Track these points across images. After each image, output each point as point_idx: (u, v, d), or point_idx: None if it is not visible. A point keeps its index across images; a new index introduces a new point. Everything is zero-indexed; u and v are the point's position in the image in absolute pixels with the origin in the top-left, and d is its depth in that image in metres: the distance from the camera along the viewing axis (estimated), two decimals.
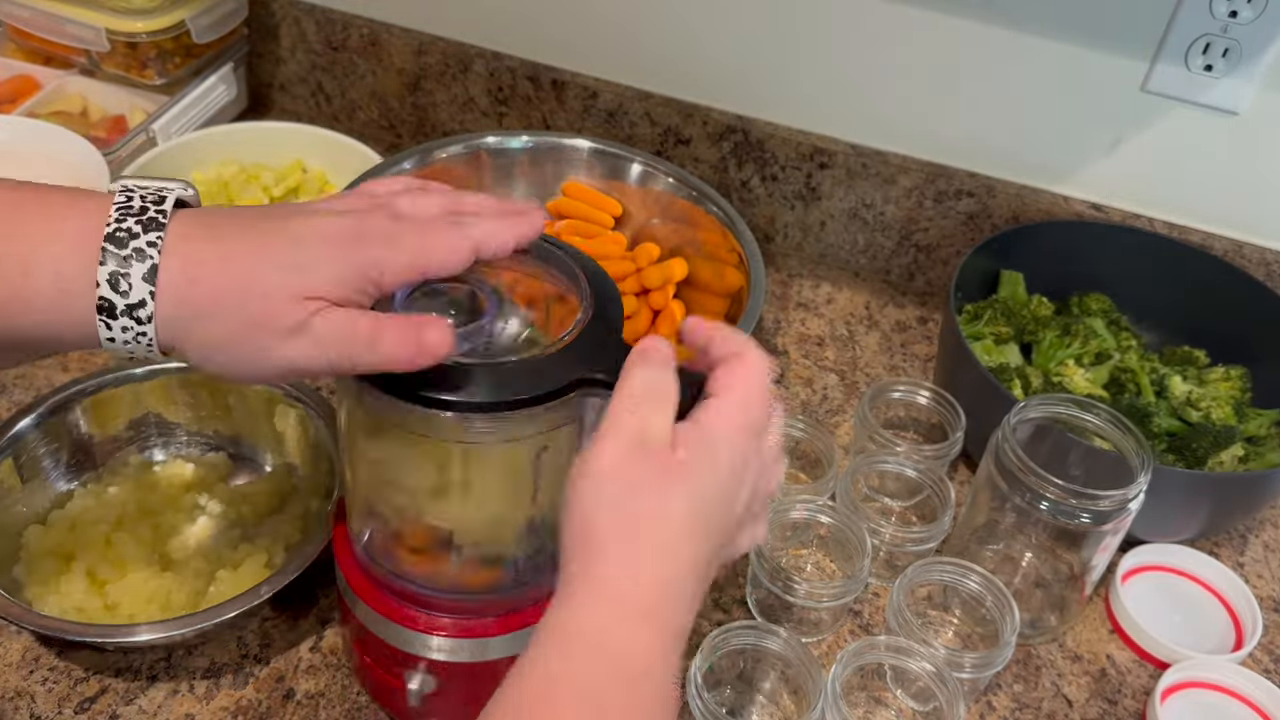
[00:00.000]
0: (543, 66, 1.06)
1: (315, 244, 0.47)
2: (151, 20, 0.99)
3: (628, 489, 0.45)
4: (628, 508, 0.45)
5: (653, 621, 0.44)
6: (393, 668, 0.61)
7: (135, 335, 0.46)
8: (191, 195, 0.49)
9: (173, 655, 0.69)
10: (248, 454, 0.80)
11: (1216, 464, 0.82)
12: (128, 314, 0.45)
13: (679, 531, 0.45)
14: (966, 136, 0.99)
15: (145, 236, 0.45)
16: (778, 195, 1.06)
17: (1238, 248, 0.97)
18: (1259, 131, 0.92)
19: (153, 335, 0.46)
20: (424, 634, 0.59)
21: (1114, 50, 0.91)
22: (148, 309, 0.45)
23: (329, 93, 1.16)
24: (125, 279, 0.45)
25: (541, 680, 0.43)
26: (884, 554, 0.78)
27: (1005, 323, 0.90)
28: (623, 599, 0.44)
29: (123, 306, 0.45)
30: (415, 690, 0.60)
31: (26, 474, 0.73)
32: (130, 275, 0.45)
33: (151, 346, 0.47)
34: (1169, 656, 0.75)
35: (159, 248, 0.45)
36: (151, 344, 0.47)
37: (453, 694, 0.61)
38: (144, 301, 0.45)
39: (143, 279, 0.45)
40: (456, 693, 0.61)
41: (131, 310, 0.45)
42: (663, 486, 0.45)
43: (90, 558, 0.70)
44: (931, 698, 0.68)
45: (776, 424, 0.51)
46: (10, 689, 0.66)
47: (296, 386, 0.76)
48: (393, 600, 0.59)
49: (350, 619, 0.63)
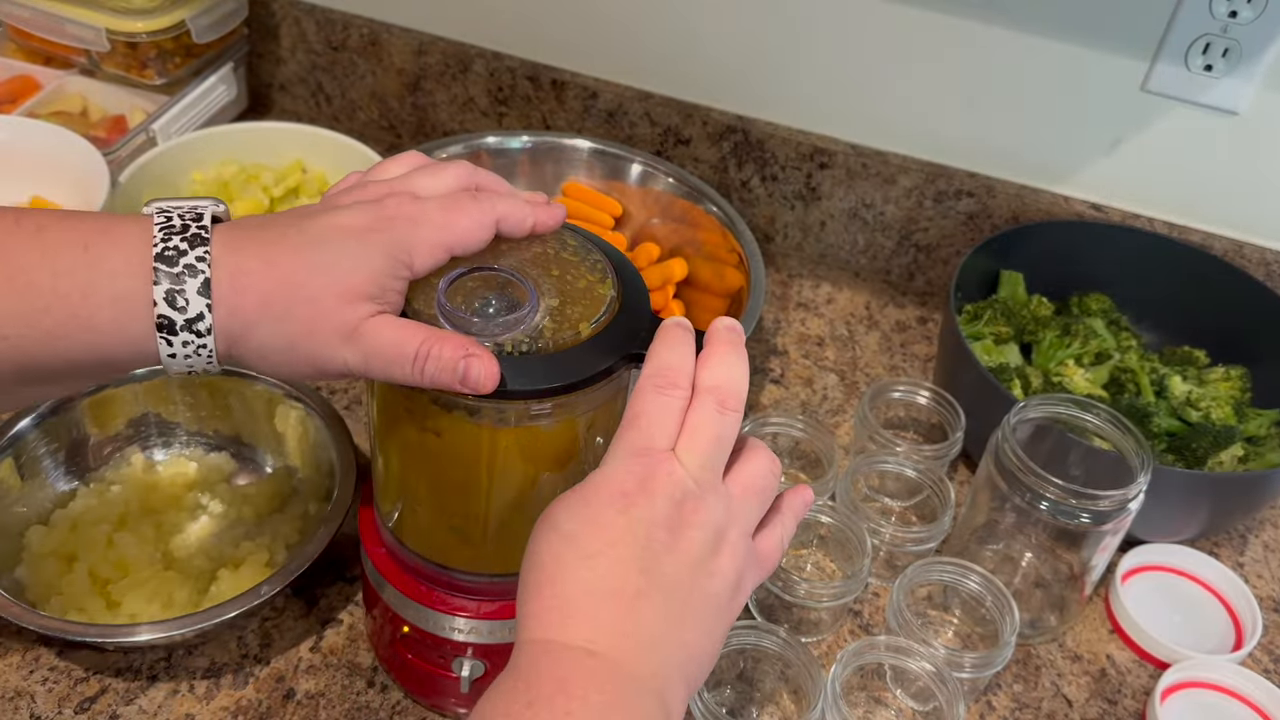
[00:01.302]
0: (543, 66, 1.06)
1: (342, 240, 0.48)
2: (151, 20, 0.99)
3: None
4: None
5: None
6: (437, 658, 0.62)
7: (196, 349, 0.47)
8: (223, 210, 0.50)
9: (173, 655, 0.69)
10: (247, 454, 0.80)
11: (1216, 464, 0.82)
12: (187, 329, 0.47)
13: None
14: (966, 136, 1.00)
15: (194, 252, 0.47)
16: (778, 195, 1.06)
17: (1238, 247, 0.97)
18: (1259, 131, 0.92)
19: (212, 347, 0.47)
20: (472, 619, 0.60)
21: (1114, 50, 0.91)
22: (206, 322, 0.47)
23: (329, 93, 1.16)
24: (181, 295, 0.46)
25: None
26: (884, 554, 0.78)
27: (1005, 323, 0.90)
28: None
29: (181, 322, 0.46)
30: (467, 677, 0.62)
31: (27, 474, 0.73)
32: (185, 291, 0.46)
33: (212, 359, 0.48)
34: (1169, 656, 0.75)
35: (208, 262, 0.47)
36: (212, 356, 0.48)
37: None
38: (202, 315, 0.46)
39: (198, 293, 0.46)
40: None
41: (191, 325, 0.47)
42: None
43: (92, 558, 0.70)
44: (931, 698, 0.68)
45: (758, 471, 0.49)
46: (10, 689, 0.66)
47: (297, 386, 0.76)
48: (435, 590, 0.60)
49: (386, 620, 0.63)
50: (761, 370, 0.96)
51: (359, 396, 0.87)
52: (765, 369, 0.96)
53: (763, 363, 0.96)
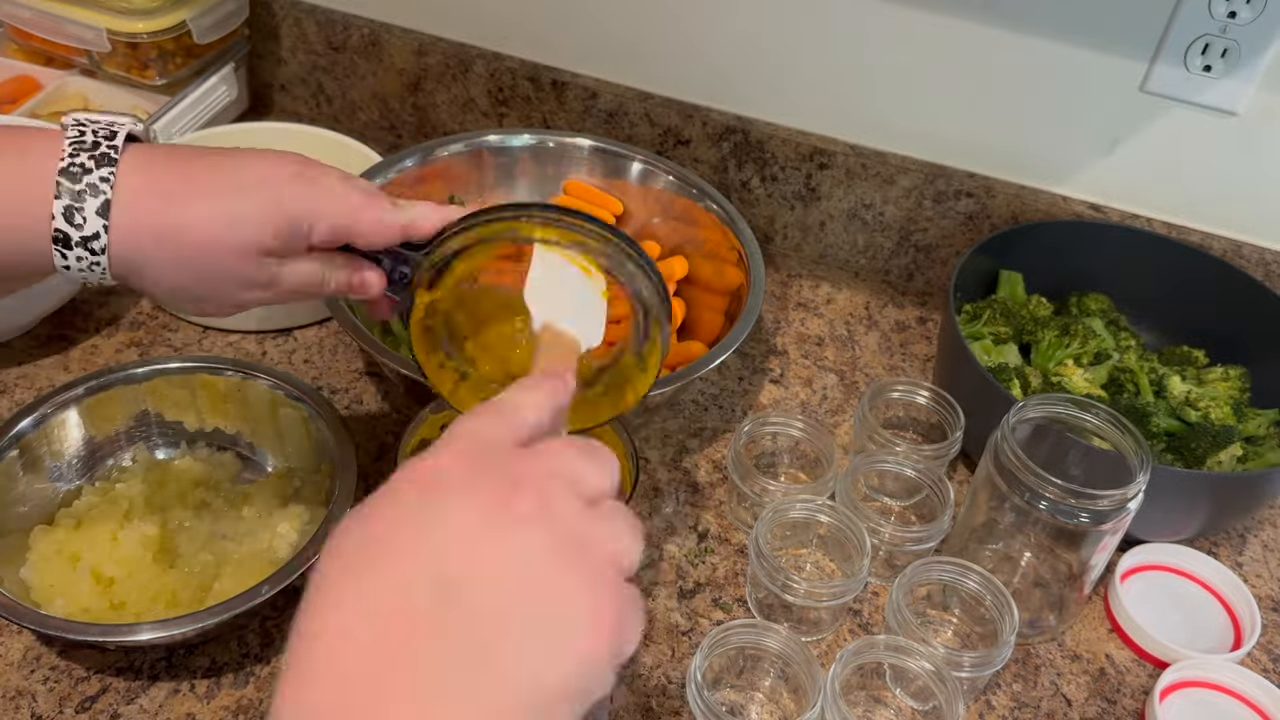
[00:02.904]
0: (543, 67, 1.07)
1: (252, 190, 0.51)
2: (152, 20, 1.00)
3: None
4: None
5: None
6: None
7: (90, 265, 0.49)
8: (140, 129, 0.51)
9: (174, 654, 0.69)
10: (248, 454, 0.80)
11: (1215, 464, 0.82)
12: (82, 245, 0.48)
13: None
14: (966, 136, 1.00)
15: (98, 172, 0.48)
16: (777, 196, 1.06)
17: (1236, 248, 0.97)
18: (1258, 132, 0.92)
19: (105, 265, 0.49)
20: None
21: (1113, 51, 0.91)
22: (101, 241, 0.48)
23: (330, 93, 1.16)
24: (79, 213, 0.47)
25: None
26: (883, 553, 0.78)
27: (1004, 323, 0.91)
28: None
29: (78, 238, 0.48)
30: None
31: (29, 474, 0.73)
32: (84, 209, 0.47)
33: (105, 275, 0.50)
34: (1168, 656, 0.75)
35: (111, 183, 0.48)
36: (105, 273, 0.49)
37: None
38: (98, 234, 0.48)
39: (96, 213, 0.47)
40: None
41: (86, 242, 0.48)
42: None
43: (96, 556, 0.70)
44: (930, 697, 0.69)
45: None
46: (11, 688, 0.66)
47: (297, 386, 0.76)
48: None
49: None
50: (761, 370, 0.96)
51: (360, 396, 0.87)
52: (765, 369, 0.96)
53: (762, 363, 0.96)
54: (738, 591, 0.77)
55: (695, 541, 0.80)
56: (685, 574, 0.78)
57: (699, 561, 0.79)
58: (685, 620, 0.75)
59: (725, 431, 0.89)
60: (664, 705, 0.70)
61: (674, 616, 0.75)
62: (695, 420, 0.90)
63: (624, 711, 0.69)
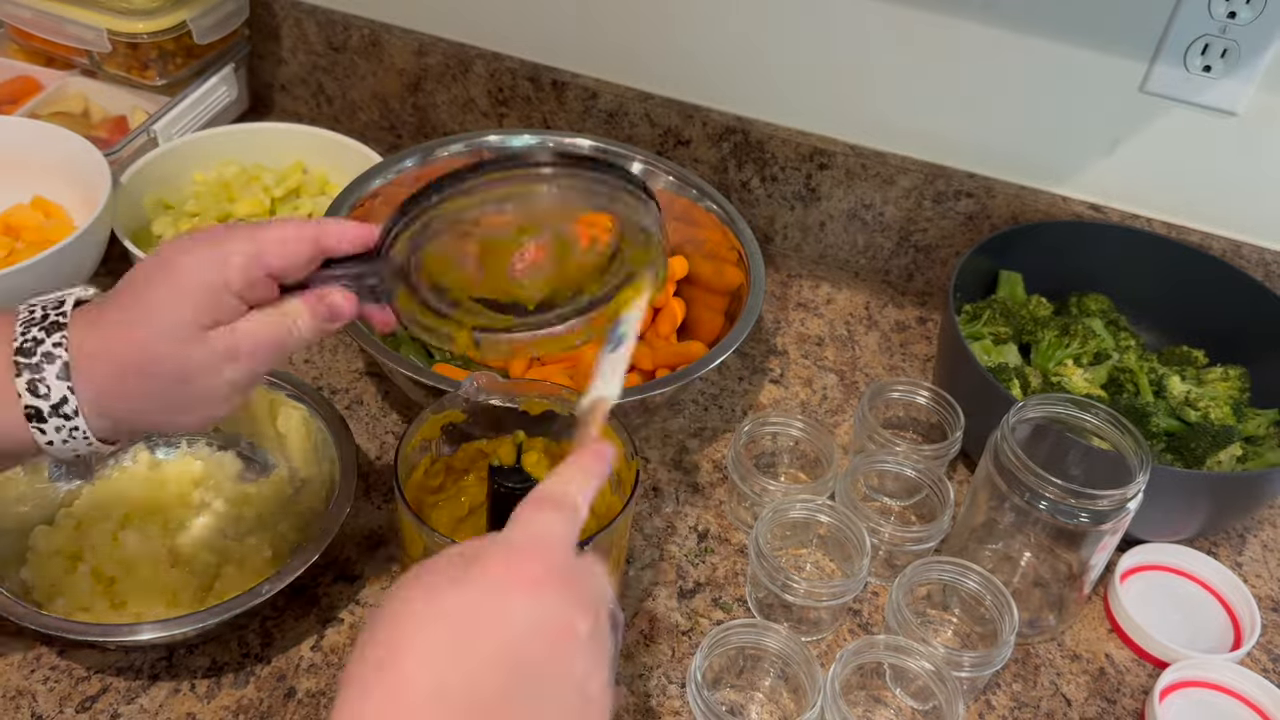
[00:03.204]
0: (543, 67, 1.07)
1: (158, 286, 0.50)
2: (153, 21, 1.00)
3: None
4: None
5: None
6: None
7: (70, 431, 0.49)
8: (91, 294, 0.51)
9: (174, 654, 0.69)
10: (251, 454, 0.80)
11: (1215, 464, 0.82)
12: (55, 413, 0.49)
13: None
14: (966, 137, 1.00)
15: (50, 339, 0.48)
16: (777, 196, 1.06)
17: (1236, 248, 0.97)
18: (1257, 132, 0.92)
19: (84, 426, 0.49)
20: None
21: (1113, 51, 0.91)
22: (71, 404, 0.48)
23: (330, 93, 1.16)
24: (42, 383, 0.48)
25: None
26: (883, 553, 0.79)
27: (1004, 323, 0.91)
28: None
29: (48, 409, 0.48)
30: None
31: (30, 474, 0.73)
32: (45, 378, 0.48)
33: (89, 438, 0.50)
34: (1167, 656, 0.75)
35: (64, 346, 0.48)
36: (88, 436, 0.50)
37: None
38: (65, 398, 0.48)
39: (58, 378, 0.48)
40: None
41: (57, 409, 0.48)
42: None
43: (97, 557, 0.70)
44: (930, 696, 0.69)
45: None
46: (12, 688, 0.66)
47: (297, 386, 0.76)
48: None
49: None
50: (761, 370, 0.96)
51: (360, 397, 0.87)
52: (765, 369, 0.96)
53: (762, 363, 0.97)
54: (738, 591, 0.77)
55: (695, 541, 0.80)
56: (685, 574, 0.78)
57: (699, 561, 0.79)
58: (685, 620, 0.75)
59: (725, 431, 0.89)
60: (664, 705, 0.70)
61: (674, 616, 0.75)
62: (695, 420, 0.90)
63: (624, 711, 0.69)
